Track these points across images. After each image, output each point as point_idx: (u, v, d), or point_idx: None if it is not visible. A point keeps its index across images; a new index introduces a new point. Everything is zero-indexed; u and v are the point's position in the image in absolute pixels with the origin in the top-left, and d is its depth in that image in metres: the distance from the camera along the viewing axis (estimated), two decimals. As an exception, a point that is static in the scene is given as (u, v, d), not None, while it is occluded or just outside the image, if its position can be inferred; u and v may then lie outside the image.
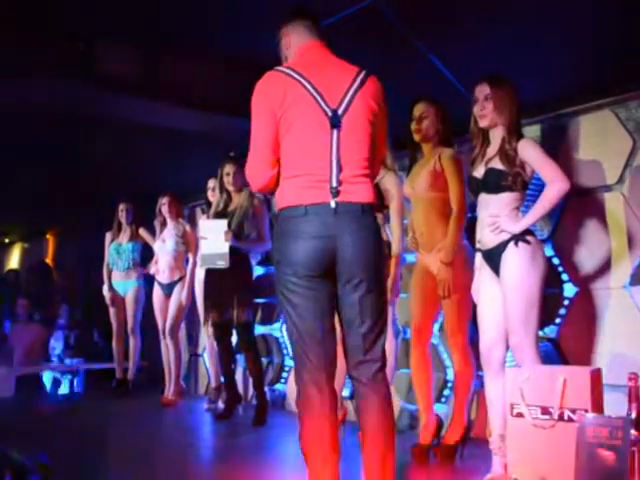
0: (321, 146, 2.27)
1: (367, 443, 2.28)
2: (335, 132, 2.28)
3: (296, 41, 2.47)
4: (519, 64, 3.36)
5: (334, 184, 2.25)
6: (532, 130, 3.74)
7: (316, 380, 2.26)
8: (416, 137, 3.60)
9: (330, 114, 2.28)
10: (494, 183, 2.89)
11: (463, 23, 3.29)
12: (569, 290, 3.69)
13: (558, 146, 3.69)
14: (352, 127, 2.30)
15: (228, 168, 4.81)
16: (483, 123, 2.97)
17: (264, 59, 3.77)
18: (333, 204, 2.24)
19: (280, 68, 2.37)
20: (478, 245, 3.04)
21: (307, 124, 2.28)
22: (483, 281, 2.99)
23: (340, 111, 2.29)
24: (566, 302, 3.70)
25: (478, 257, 3.03)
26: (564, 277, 3.71)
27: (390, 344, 3.36)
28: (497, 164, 2.89)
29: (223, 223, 4.66)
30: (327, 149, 2.27)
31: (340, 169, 2.26)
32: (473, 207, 3.52)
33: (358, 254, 2.24)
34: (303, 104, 2.28)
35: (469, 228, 3.52)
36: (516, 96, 2.93)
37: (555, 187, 2.77)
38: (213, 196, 5.19)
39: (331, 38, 2.52)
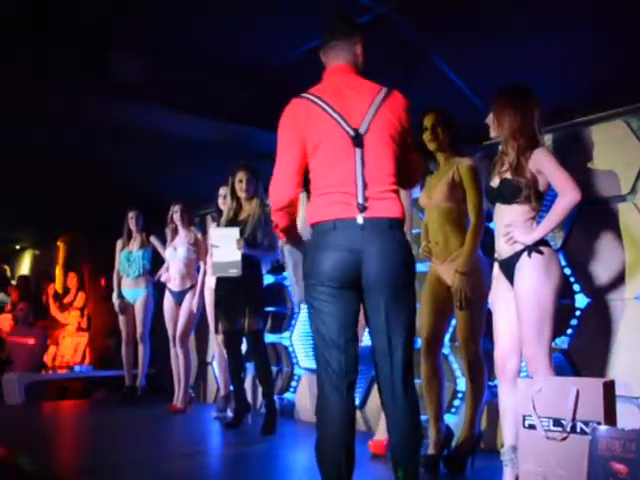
0: (346, 165, 2.39)
1: (394, 448, 2.39)
2: (359, 151, 2.39)
3: (326, 62, 2.61)
4: (531, 74, 3.34)
5: (360, 200, 2.36)
6: (545, 139, 3.73)
7: (337, 387, 2.35)
8: (431, 146, 3.59)
9: (352, 134, 2.40)
10: (508, 193, 2.88)
11: (477, 34, 3.29)
12: (581, 301, 3.67)
13: (570, 156, 3.67)
14: (375, 145, 2.41)
15: (241, 175, 4.81)
16: (490, 134, 3.01)
17: (275, 70, 3.83)
18: (360, 219, 2.35)
19: (303, 94, 2.49)
20: (495, 255, 3.03)
21: (331, 145, 2.40)
22: (499, 291, 2.98)
23: (362, 130, 2.40)
24: (578, 313, 3.68)
25: (496, 267, 3.03)
26: (576, 287, 3.69)
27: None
28: (510, 175, 2.89)
29: (235, 231, 4.65)
30: (352, 168, 2.39)
31: (365, 186, 2.38)
32: (489, 217, 3.52)
33: (383, 267, 2.34)
34: (326, 127, 2.41)
35: (483, 237, 3.51)
36: (521, 106, 2.89)
37: (566, 198, 2.76)
38: (224, 204, 5.18)
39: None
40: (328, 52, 2.59)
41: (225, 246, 4.63)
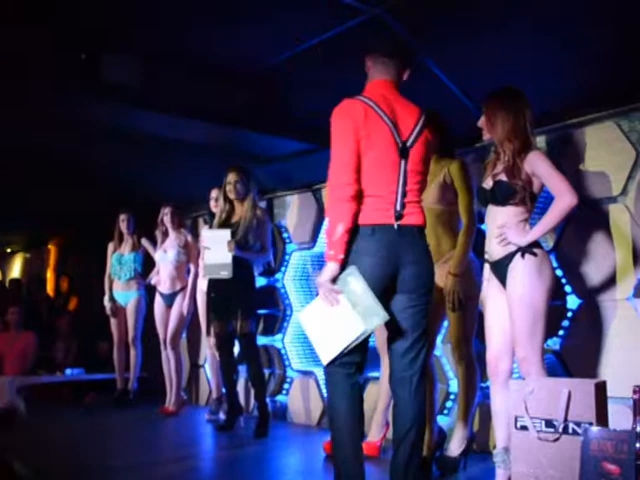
0: (390, 174, 2.56)
1: (398, 444, 2.55)
2: (403, 162, 2.58)
3: (373, 74, 2.73)
4: (523, 76, 3.36)
5: (398, 208, 2.55)
6: (538, 141, 3.73)
7: (351, 384, 2.54)
8: None
9: (400, 145, 2.57)
10: (501, 195, 2.88)
11: (468, 36, 3.30)
12: (572, 302, 3.68)
13: (561, 157, 3.68)
14: (416, 159, 2.61)
15: (232, 177, 4.80)
16: (483, 137, 3.03)
17: (270, 73, 3.83)
18: (396, 226, 2.53)
19: (360, 97, 2.60)
20: (486, 256, 3.03)
21: (381, 151, 2.54)
22: (490, 292, 2.98)
23: (408, 144, 2.59)
24: (569, 314, 3.69)
25: (486, 268, 3.03)
26: (567, 289, 3.70)
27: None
28: (504, 177, 2.89)
29: (226, 233, 4.64)
30: (395, 177, 2.56)
31: (405, 195, 2.57)
32: (480, 218, 3.52)
33: (415, 272, 2.54)
34: (380, 133, 2.55)
35: (474, 239, 3.51)
36: (514, 108, 2.88)
37: (563, 201, 2.75)
38: (215, 206, 5.18)
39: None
40: (378, 65, 2.70)
41: (216, 248, 4.63)
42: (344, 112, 2.55)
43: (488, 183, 2.98)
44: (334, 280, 2.47)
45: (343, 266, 2.48)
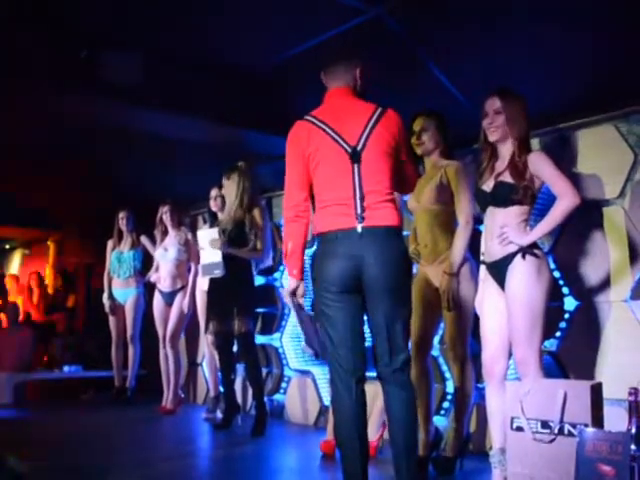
0: (345, 180, 2.63)
1: (393, 436, 2.62)
2: (356, 167, 2.63)
3: (327, 85, 2.82)
4: (521, 77, 3.37)
5: (359, 211, 2.60)
6: (534, 143, 3.73)
7: (346, 382, 2.60)
8: (418, 151, 3.60)
9: (350, 151, 2.64)
10: (504, 197, 2.88)
11: (466, 36, 3.31)
12: (570, 303, 3.69)
13: (559, 159, 3.67)
14: (371, 160, 2.64)
15: (228, 176, 4.86)
16: (493, 137, 2.96)
17: (264, 71, 3.84)
18: (359, 229, 2.58)
19: (306, 117, 2.74)
20: (482, 257, 3.03)
21: (331, 163, 2.65)
22: (487, 293, 2.98)
23: (359, 148, 2.64)
24: (567, 315, 3.69)
25: (482, 269, 3.03)
26: (565, 290, 3.71)
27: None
28: (507, 178, 2.88)
29: (215, 231, 4.70)
30: (350, 182, 2.63)
31: (363, 198, 2.61)
32: (476, 219, 3.53)
33: (381, 272, 2.56)
34: (326, 146, 2.65)
35: (471, 240, 3.52)
36: (526, 110, 2.93)
37: (565, 201, 2.76)
38: (215, 205, 5.20)
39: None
40: (329, 76, 2.81)
41: (209, 247, 4.69)
42: (290, 136, 2.74)
43: (489, 185, 2.97)
44: (294, 293, 2.74)
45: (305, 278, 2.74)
